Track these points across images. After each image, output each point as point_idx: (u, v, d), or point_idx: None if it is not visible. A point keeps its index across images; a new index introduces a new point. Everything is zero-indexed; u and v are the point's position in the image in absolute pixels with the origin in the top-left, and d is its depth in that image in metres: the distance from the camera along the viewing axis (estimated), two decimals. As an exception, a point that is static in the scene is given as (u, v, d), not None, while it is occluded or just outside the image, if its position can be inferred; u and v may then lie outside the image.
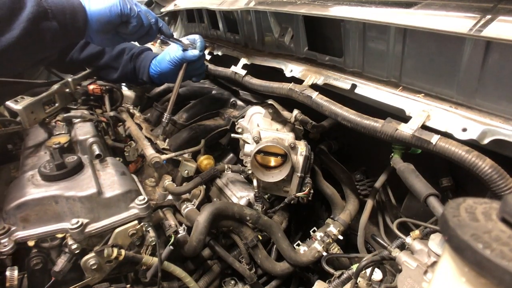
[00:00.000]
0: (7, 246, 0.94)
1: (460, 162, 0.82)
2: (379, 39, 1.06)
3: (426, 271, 0.81)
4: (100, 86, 1.66)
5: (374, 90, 1.09)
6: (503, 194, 0.77)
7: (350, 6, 1.05)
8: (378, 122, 0.98)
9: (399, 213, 1.38)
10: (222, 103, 1.80)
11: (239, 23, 1.72)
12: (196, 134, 1.56)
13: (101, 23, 1.18)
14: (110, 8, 1.17)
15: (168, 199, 1.40)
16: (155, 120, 1.81)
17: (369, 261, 0.99)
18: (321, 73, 1.26)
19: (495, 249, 0.35)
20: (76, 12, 1.13)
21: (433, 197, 0.88)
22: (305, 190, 1.29)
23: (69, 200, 1.01)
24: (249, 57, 1.62)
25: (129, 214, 1.08)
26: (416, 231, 0.93)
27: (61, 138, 1.36)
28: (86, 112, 1.55)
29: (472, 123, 0.85)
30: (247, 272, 1.30)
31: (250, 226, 1.30)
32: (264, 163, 1.32)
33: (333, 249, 1.32)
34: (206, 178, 1.37)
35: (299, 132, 1.45)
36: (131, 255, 1.08)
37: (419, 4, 0.90)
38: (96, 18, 1.17)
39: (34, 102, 1.31)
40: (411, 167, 1.02)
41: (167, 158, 1.40)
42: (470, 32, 0.75)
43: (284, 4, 1.28)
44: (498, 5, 0.76)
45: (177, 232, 1.24)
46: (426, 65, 0.97)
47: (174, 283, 1.24)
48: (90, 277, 1.06)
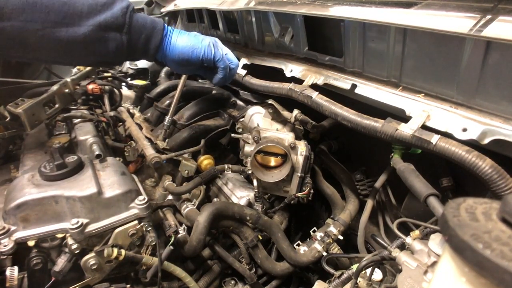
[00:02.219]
0: (7, 246, 0.94)
1: (460, 162, 0.82)
2: (379, 39, 1.06)
3: (426, 271, 0.81)
4: (100, 86, 1.67)
5: (374, 90, 1.09)
6: (503, 194, 0.77)
7: (350, 6, 1.06)
8: (378, 122, 0.98)
9: (399, 213, 1.38)
10: (222, 103, 1.80)
11: (239, 23, 1.72)
12: (196, 134, 1.56)
13: (181, 59, 1.24)
14: (194, 50, 1.23)
15: (168, 199, 1.40)
16: (155, 120, 1.81)
17: (369, 261, 0.99)
18: (321, 73, 1.26)
19: (495, 249, 0.35)
20: (153, 36, 1.17)
21: (433, 197, 0.88)
22: (305, 190, 1.29)
23: (69, 200, 1.01)
24: (249, 57, 1.62)
25: (129, 214, 1.08)
26: (416, 231, 0.93)
27: (61, 138, 1.37)
28: (86, 112, 1.55)
29: (472, 123, 0.85)
30: (247, 272, 1.30)
31: (250, 226, 1.30)
32: (264, 163, 1.32)
33: (333, 249, 1.32)
34: (206, 178, 1.37)
35: (299, 132, 1.45)
36: (131, 255, 1.08)
37: (419, 4, 0.90)
38: (178, 53, 1.23)
39: (35, 104, 1.31)
40: (411, 167, 1.02)
41: (167, 158, 1.40)
42: (470, 32, 0.75)
43: (284, 4, 1.28)
44: (498, 5, 0.76)
45: (177, 232, 1.24)
46: (426, 65, 0.97)
47: (174, 283, 1.24)
48: (90, 277, 1.06)
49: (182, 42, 1.23)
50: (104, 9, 1.06)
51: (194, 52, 1.23)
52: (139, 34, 1.14)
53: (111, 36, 1.08)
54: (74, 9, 1.01)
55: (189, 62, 1.25)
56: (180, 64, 1.27)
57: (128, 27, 1.10)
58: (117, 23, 1.08)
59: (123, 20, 1.09)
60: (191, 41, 1.24)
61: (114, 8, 1.07)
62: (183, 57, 1.23)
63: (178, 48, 1.22)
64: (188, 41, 1.24)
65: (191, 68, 1.32)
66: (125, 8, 1.10)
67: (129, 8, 1.11)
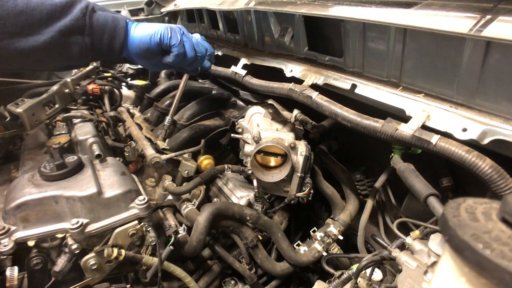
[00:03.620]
0: (7, 246, 0.94)
1: (460, 162, 0.82)
2: (379, 39, 1.06)
3: (426, 271, 0.81)
4: (100, 86, 1.67)
5: (374, 90, 1.09)
6: (503, 194, 0.77)
7: (350, 6, 1.05)
8: (378, 122, 0.98)
9: (399, 213, 1.38)
10: (222, 103, 1.80)
11: (239, 23, 1.72)
12: (196, 134, 1.56)
13: (141, 49, 1.17)
14: (151, 35, 1.16)
15: (168, 199, 1.40)
16: (155, 120, 1.81)
17: (369, 261, 0.99)
18: (321, 73, 1.26)
19: (495, 249, 0.35)
20: (116, 34, 1.12)
21: (433, 197, 0.88)
22: (305, 190, 1.29)
23: (69, 200, 1.01)
24: (249, 57, 1.62)
25: (129, 214, 1.08)
26: (416, 231, 0.93)
27: (61, 138, 1.37)
28: (86, 112, 1.55)
29: (472, 123, 0.85)
30: (247, 272, 1.30)
31: (250, 226, 1.30)
32: (264, 163, 1.32)
33: (333, 249, 1.32)
34: (206, 178, 1.37)
35: (299, 132, 1.45)
36: (131, 255, 1.08)
37: (419, 4, 0.90)
38: (137, 44, 1.16)
39: (35, 104, 1.31)
40: (411, 167, 1.02)
41: (167, 158, 1.40)
42: (470, 32, 0.75)
43: (284, 4, 1.28)
44: (498, 5, 0.76)
45: (177, 232, 1.24)
46: (426, 65, 0.97)
47: (174, 283, 1.24)
48: (90, 277, 1.06)
49: (139, 32, 1.17)
50: (64, 14, 1.01)
51: (152, 38, 1.16)
52: (101, 34, 1.09)
53: (73, 40, 1.04)
54: (33, 18, 0.96)
55: (150, 51, 1.18)
56: (143, 56, 1.19)
57: (89, 28, 1.06)
58: (78, 25, 1.03)
59: (84, 22, 1.04)
60: (148, 28, 1.17)
61: (74, 10, 1.03)
62: (143, 47, 1.16)
63: (136, 38, 1.16)
64: (145, 29, 1.17)
65: (156, 60, 1.23)
66: (84, 8, 1.05)
67: (89, 8, 1.06)
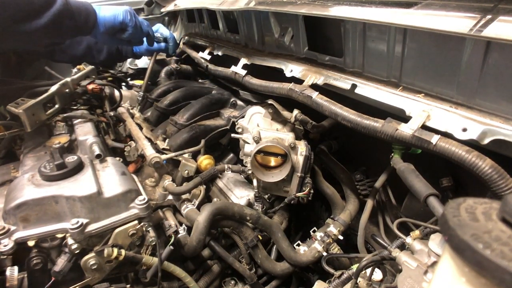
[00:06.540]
0: (7, 246, 0.94)
1: (460, 162, 0.82)
2: (379, 39, 1.06)
3: (426, 271, 0.81)
4: (100, 86, 1.66)
5: (374, 90, 1.09)
6: (503, 194, 0.77)
7: (350, 6, 1.05)
8: (378, 122, 0.98)
9: (399, 213, 1.38)
10: (222, 103, 1.80)
11: (239, 23, 1.72)
12: (196, 134, 1.56)
13: (106, 27, 1.47)
14: (115, 16, 1.48)
15: (168, 199, 1.40)
16: (155, 120, 1.81)
17: (369, 261, 0.99)
18: (321, 73, 1.26)
19: (495, 249, 0.35)
20: (89, 15, 1.41)
21: (433, 197, 0.88)
22: (305, 190, 1.29)
23: (69, 200, 1.01)
24: (249, 57, 1.62)
25: (129, 214, 1.08)
26: (416, 231, 0.93)
27: (61, 138, 1.37)
28: (86, 112, 1.55)
29: (472, 123, 0.85)
30: (247, 272, 1.30)
31: (250, 226, 1.30)
32: (264, 163, 1.32)
33: (333, 249, 1.32)
34: (206, 178, 1.37)
35: (299, 132, 1.45)
36: (131, 255, 1.08)
37: (419, 4, 0.90)
38: (103, 22, 1.46)
39: (35, 104, 1.31)
40: (411, 167, 1.02)
41: (167, 158, 1.40)
42: (470, 32, 0.75)
43: (284, 4, 1.28)
44: (498, 5, 0.76)
45: (177, 232, 1.24)
46: (426, 65, 0.97)
47: (174, 283, 1.24)
48: (90, 277, 1.06)
49: (105, 12, 1.45)
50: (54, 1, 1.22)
51: (116, 18, 1.47)
52: (79, 15, 1.36)
53: (66, 22, 1.29)
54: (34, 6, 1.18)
55: (114, 28, 1.48)
56: (106, 33, 1.47)
57: (71, 12, 1.30)
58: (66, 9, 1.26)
59: (70, 7, 1.29)
60: (110, 10, 1.47)
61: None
62: (108, 25, 1.46)
63: (103, 18, 1.45)
64: (109, 11, 1.46)
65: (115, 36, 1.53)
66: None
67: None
